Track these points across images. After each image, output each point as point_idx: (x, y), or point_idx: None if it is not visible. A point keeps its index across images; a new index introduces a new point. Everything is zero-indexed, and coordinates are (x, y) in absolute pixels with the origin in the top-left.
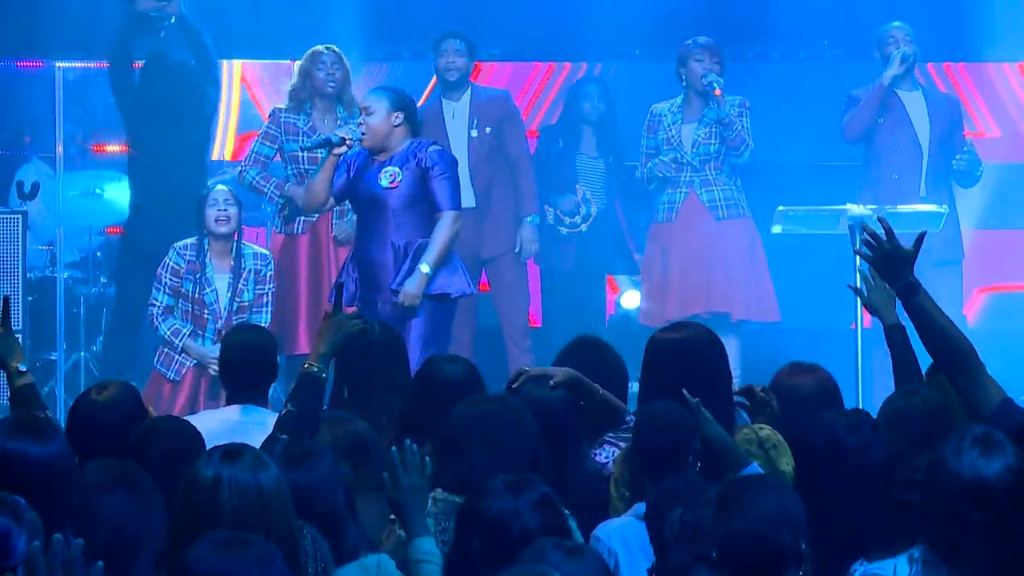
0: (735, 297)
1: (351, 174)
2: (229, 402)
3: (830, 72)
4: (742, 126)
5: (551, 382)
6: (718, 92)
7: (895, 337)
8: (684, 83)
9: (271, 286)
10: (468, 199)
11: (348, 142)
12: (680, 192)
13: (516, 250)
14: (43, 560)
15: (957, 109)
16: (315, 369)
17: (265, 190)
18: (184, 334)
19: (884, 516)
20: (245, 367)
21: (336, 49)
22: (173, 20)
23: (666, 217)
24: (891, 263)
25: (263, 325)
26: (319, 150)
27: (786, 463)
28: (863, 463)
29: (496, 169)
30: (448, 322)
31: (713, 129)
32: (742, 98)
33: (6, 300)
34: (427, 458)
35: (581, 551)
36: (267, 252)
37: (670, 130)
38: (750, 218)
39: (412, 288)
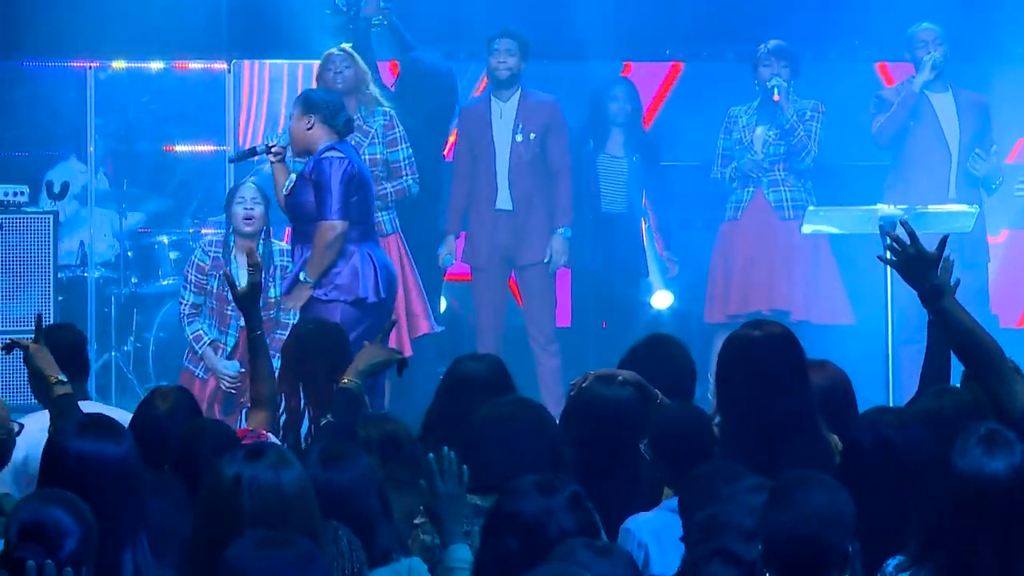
0: (796, 297)
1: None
2: None
3: (862, 72)
4: (805, 131)
5: (619, 379)
6: (777, 98)
7: (933, 331)
8: (758, 86)
9: None
10: (505, 202)
11: (275, 148)
12: (748, 191)
13: (546, 261)
14: None
15: (986, 111)
16: (352, 384)
17: None
18: (205, 342)
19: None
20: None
21: (348, 49)
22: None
23: (732, 216)
24: (916, 267)
25: (290, 323)
26: (248, 159)
27: None
28: (909, 460)
29: (536, 176)
30: (358, 324)
31: (780, 131)
32: (815, 102)
33: (39, 318)
34: (464, 466)
35: (611, 551)
36: None
37: (744, 131)
38: None
39: (291, 302)
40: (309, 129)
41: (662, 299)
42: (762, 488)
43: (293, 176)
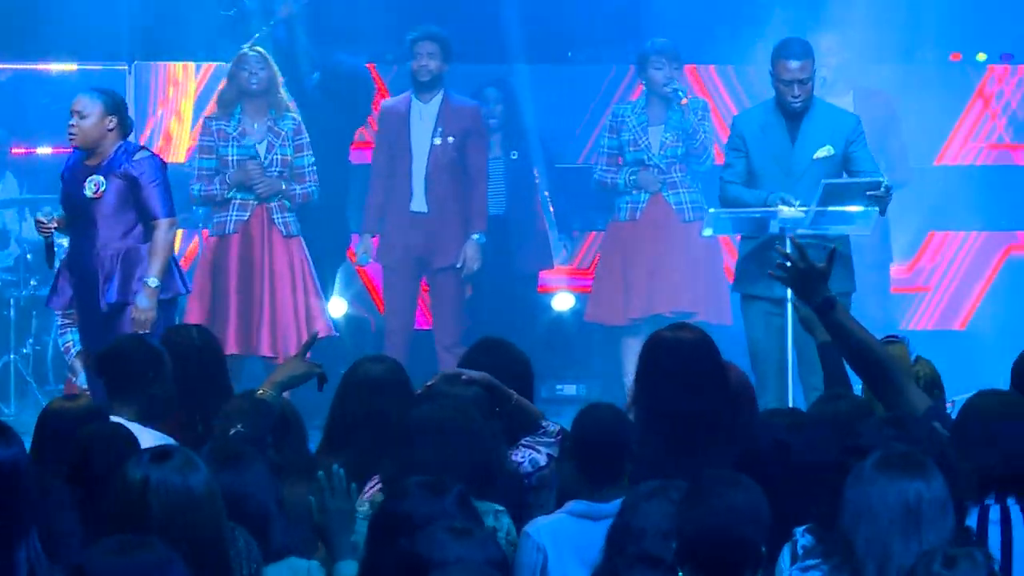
0: (697, 298)
1: (65, 177)
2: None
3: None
4: (704, 132)
5: (463, 378)
6: (684, 102)
7: (828, 354)
8: (645, 86)
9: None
10: (420, 204)
11: (43, 221)
12: (644, 193)
13: (459, 265)
14: None
15: (885, 111)
16: (267, 396)
17: (215, 193)
18: (72, 353)
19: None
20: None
21: (262, 51)
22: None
23: (629, 217)
24: (806, 281)
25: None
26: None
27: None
28: (804, 461)
29: (454, 181)
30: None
31: (679, 132)
32: (704, 101)
33: None
34: (353, 484)
35: (470, 532)
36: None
37: (636, 132)
38: None
39: (144, 303)
40: (111, 130)
41: (563, 301)
42: (665, 490)
43: (99, 178)
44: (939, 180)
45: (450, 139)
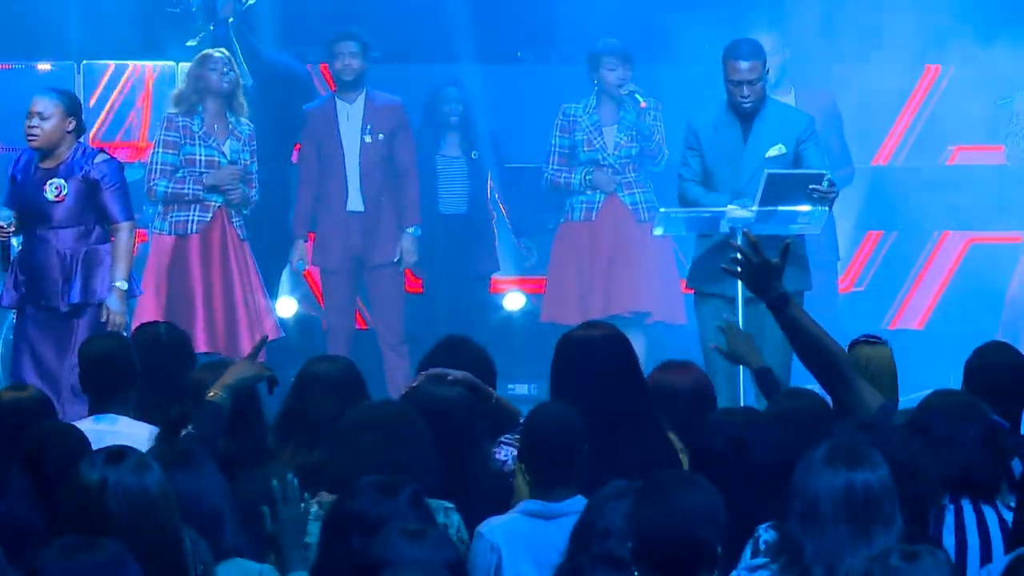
0: (653, 299)
1: (18, 179)
2: (91, 412)
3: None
4: (659, 133)
5: (448, 378)
6: (644, 104)
7: (767, 380)
8: (596, 86)
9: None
10: (357, 203)
11: (2, 226)
12: (599, 193)
13: (396, 260)
14: None
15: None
16: (218, 398)
17: (186, 192)
18: None
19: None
20: (103, 376)
21: (226, 52)
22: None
23: (585, 217)
24: (760, 277)
25: None
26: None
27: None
28: (758, 459)
29: (385, 177)
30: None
31: (633, 133)
32: (656, 100)
33: None
34: (307, 494)
35: (424, 533)
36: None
37: (590, 132)
38: None
39: (116, 306)
40: (70, 132)
41: (514, 301)
42: (631, 491)
43: (60, 181)
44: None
45: (380, 136)
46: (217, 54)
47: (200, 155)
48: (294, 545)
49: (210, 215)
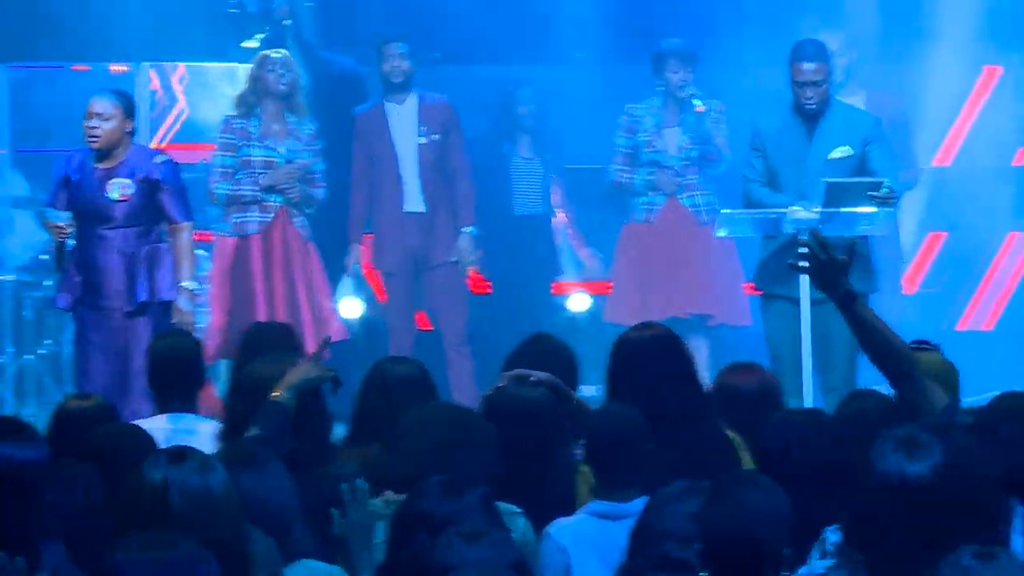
0: (715, 301)
1: (73, 179)
2: (159, 411)
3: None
4: (721, 135)
5: (531, 379)
6: (700, 109)
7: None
8: (661, 87)
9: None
10: (415, 204)
11: (62, 226)
12: (660, 195)
13: (454, 260)
14: None
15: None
16: (282, 398)
17: (244, 194)
18: None
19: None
20: (173, 375)
21: (286, 53)
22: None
23: (645, 219)
24: (828, 274)
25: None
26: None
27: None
28: (820, 460)
29: (441, 177)
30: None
31: (694, 136)
32: (719, 102)
33: None
34: (376, 499)
35: (484, 536)
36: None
37: (652, 133)
38: None
39: (186, 305)
40: (128, 132)
41: (579, 302)
42: (692, 492)
43: (125, 180)
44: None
45: (434, 137)
46: (275, 55)
47: (257, 156)
48: (362, 547)
49: (271, 216)
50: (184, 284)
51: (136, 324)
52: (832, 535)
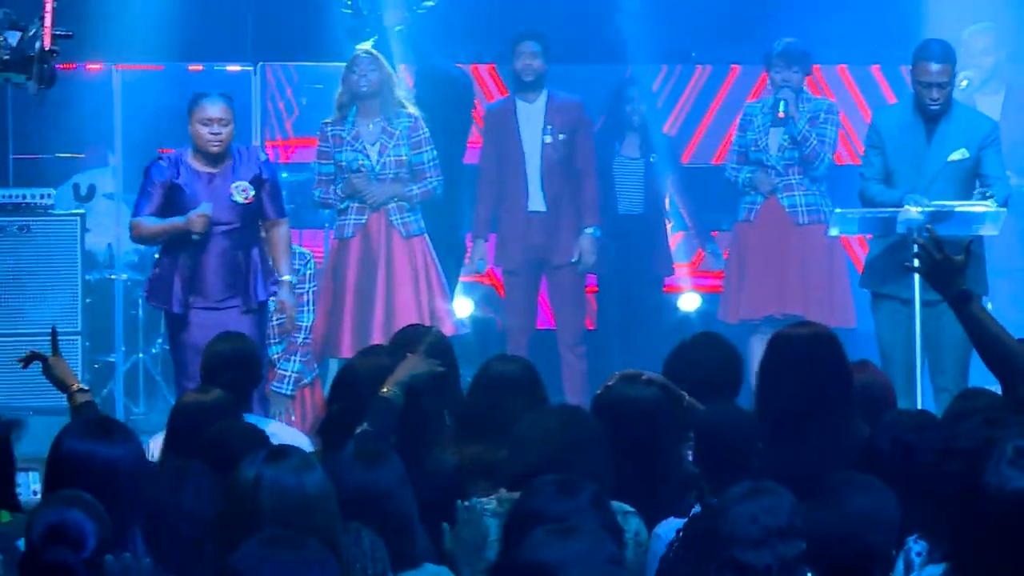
0: (809, 300)
1: (177, 183)
2: None
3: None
4: (818, 137)
5: (643, 378)
6: (782, 115)
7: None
8: (772, 86)
9: (311, 285)
10: (538, 203)
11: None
12: (759, 195)
13: (574, 260)
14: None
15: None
16: (391, 394)
17: (332, 200)
18: None
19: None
20: (234, 375)
21: (374, 52)
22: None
23: (745, 218)
24: (942, 273)
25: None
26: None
27: None
28: (928, 460)
29: (566, 177)
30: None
31: (791, 136)
32: (829, 103)
33: (54, 331)
34: (485, 519)
35: (573, 532)
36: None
37: (759, 132)
38: None
39: (290, 299)
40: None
41: (689, 301)
42: (757, 492)
43: (245, 183)
44: None
45: (561, 136)
46: (363, 55)
47: (346, 160)
48: (469, 564)
49: (366, 217)
50: (284, 278)
51: (244, 322)
52: (915, 544)
